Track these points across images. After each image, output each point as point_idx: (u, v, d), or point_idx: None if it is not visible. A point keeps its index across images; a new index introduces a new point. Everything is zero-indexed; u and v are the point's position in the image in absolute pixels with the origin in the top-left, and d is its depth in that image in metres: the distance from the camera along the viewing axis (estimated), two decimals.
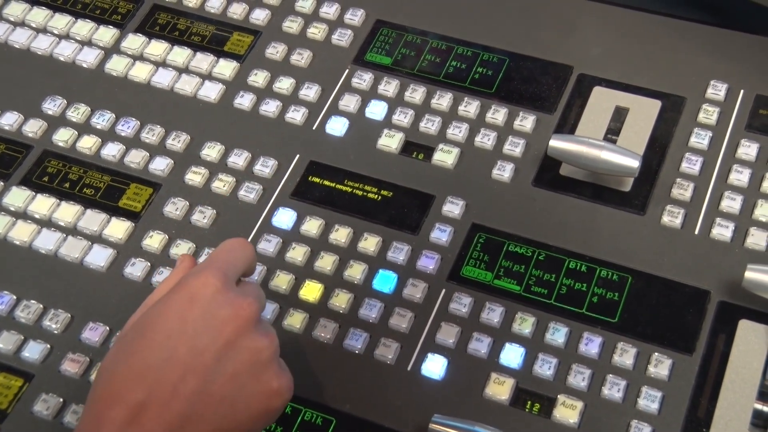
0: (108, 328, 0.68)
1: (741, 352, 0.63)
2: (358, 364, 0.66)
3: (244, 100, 0.79)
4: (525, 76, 0.78)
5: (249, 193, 0.74)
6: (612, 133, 0.74)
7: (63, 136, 0.79)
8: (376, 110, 0.78)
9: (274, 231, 0.72)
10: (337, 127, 0.77)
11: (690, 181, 0.71)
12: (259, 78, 0.81)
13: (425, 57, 0.80)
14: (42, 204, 0.75)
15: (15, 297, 0.71)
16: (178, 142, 0.77)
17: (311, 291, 0.69)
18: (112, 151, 0.77)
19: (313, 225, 0.72)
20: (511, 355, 0.65)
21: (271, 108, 0.79)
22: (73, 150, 0.78)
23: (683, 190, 0.70)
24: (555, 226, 0.70)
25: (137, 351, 0.53)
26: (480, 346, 0.65)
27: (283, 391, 0.57)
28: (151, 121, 0.79)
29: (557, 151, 0.70)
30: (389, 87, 0.79)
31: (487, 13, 0.83)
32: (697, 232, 0.69)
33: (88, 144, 0.78)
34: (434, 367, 0.65)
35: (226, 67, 0.82)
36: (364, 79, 0.79)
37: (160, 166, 0.76)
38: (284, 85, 0.80)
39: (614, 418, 0.62)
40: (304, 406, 0.64)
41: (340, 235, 0.71)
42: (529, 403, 0.63)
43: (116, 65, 0.83)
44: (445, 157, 0.74)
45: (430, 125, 0.76)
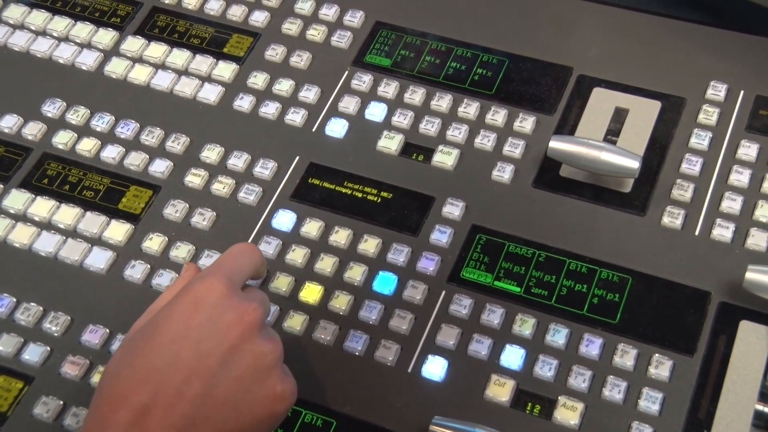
0: (108, 331, 0.68)
1: (742, 353, 0.63)
2: (359, 365, 0.65)
3: (244, 102, 0.79)
4: (525, 78, 0.78)
5: (249, 195, 0.74)
6: (612, 134, 0.74)
7: (63, 139, 0.79)
8: (376, 112, 0.78)
9: (274, 233, 0.72)
10: (337, 128, 0.77)
11: (690, 182, 0.71)
12: (258, 80, 0.80)
13: (425, 58, 0.80)
14: (42, 206, 0.75)
15: (15, 299, 0.71)
16: (177, 144, 0.77)
17: (311, 293, 0.69)
18: (111, 154, 0.77)
19: (313, 227, 0.72)
20: (512, 357, 0.64)
21: (270, 110, 0.79)
22: (72, 152, 0.78)
23: (683, 191, 0.70)
24: (555, 228, 0.70)
25: (142, 354, 0.54)
26: (480, 347, 0.65)
27: (287, 396, 0.57)
28: (151, 124, 0.79)
29: (557, 152, 0.70)
30: (389, 88, 0.78)
31: (487, 15, 0.83)
32: (697, 233, 0.69)
33: (87, 146, 0.78)
34: (434, 368, 0.65)
35: (226, 69, 0.82)
36: (363, 81, 0.79)
37: (160, 168, 0.76)
38: (284, 86, 0.80)
39: (615, 420, 0.62)
40: (304, 408, 0.64)
41: (340, 236, 0.71)
42: (530, 404, 0.63)
43: (116, 67, 0.83)
44: (445, 158, 0.74)
45: (430, 127, 0.76)
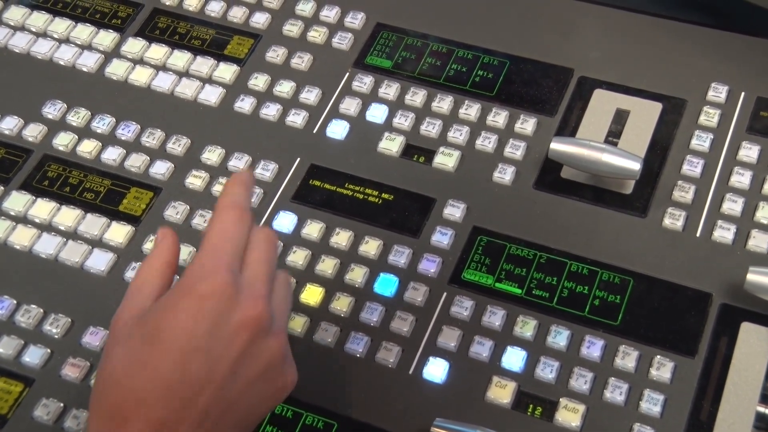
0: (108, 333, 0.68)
1: (743, 355, 0.63)
2: (360, 367, 0.65)
3: (245, 104, 0.79)
4: (526, 79, 0.78)
5: None
6: (613, 136, 0.74)
7: (63, 141, 0.79)
8: (377, 113, 0.77)
9: None
10: (338, 130, 0.77)
11: (691, 184, 0.71)
12: (259, 81, 0.80)
13: (426, 60, 0.80)
14: (42, 208, 0.75)
15: (15, 301, 0.71)
16: (178, 146, 0.77)
17: (312, 294, 0.69)
18: (112, 155, 0.77)
19: (313, 228, 0.72)
20: (513, 359, 0.64)
21: (271, 111, 0.79)
22: (73, 154, 0.78)
23: (684, 193, 0.70)
24: (556, 229, 0.70)
25: (150, 365, 0.52)
26: (481, 349, 0.65)
27: (290, 384, 0.58)
28: (152, 125, 0.79)
29: (558, 154, 0.70)
30: (390, 90, 0.78)
31: (488, 16, 0.83)
32: (698, 235, 0.69)
33: (88, 148, 0.78)
34: (436, 370, 0.65)
35: (227, 71, 0.81)
36: (364, 83, 0.79)
37: (161, 170, 0.76)
38: (285, 88, 0.80)
39: (616, 422, 0.62)
40: (305, 410, 0.64)
41: (341, 238, 0.71)
42: (531, 406, 0.63)
43: (116, 69, 0.83)
44: (446, 160, 0.74)
45: (431, 128, 0.76)
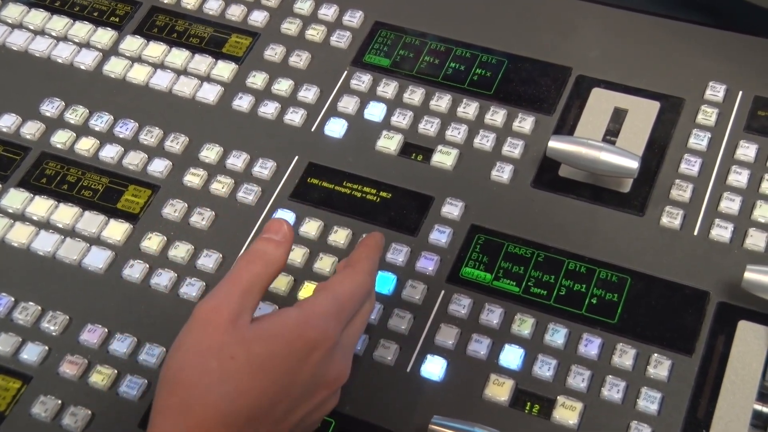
0: (107, 330, 0.68)
1: (740, 353, 0.63)
2: (358, 365, 0.65)
3: (243, 102, 0.79)
4: (524, 78, 0.78)
5: (248, 194, 0.74)
6: (611, 134, 0.74)
7: (61, 138, 0.79)
8: (375, 112, 0.77)
9: None
10: (336, 128, 0.77)
11: (689, 182, 0.71)
12: (257, 80, 0.80)
13: (424, 58, 0.80)
14: (40, 206, 0.75)
15: (13, 299, 0.71)
16: (176, 143, 0.77)
17: (310, 293, 0.69)
18: (110, 153, 0.77)
19: (312, 226, 0.72)
20: (511, 357, 0.64)
21: (269, 109, 0.79)
22: (71, 152, 0.78)
23: (682, 191, 0.70)
24: (554, 228, 0.70)
25: (250, 395, 0.54)
26: (479, 347, 0.65)
27: (333, 406, 0.62)
28: (150, 123, 0.79)
29: (556, 152, 0.70)
30: (388, 88, 0.78)
31: (486, 15, 0.83)
32: (696, 233, 0.69)
33: (86, 146, 0.78)
34: (434, 368, 0.65)
35: (225, 69, 0.81)
36: (362, 81, 0.79)
37: (159, 167, 0.76)
38: (283, 86, 0.80)
39: (614, 419, 0.62)
40: None
41: (339, 236, 0.71)
42: (529, 404, 0.63)
43: (114, 67, 0.83)
44: (444, 158, 0.74)
45: (429, 127, 0.76)
